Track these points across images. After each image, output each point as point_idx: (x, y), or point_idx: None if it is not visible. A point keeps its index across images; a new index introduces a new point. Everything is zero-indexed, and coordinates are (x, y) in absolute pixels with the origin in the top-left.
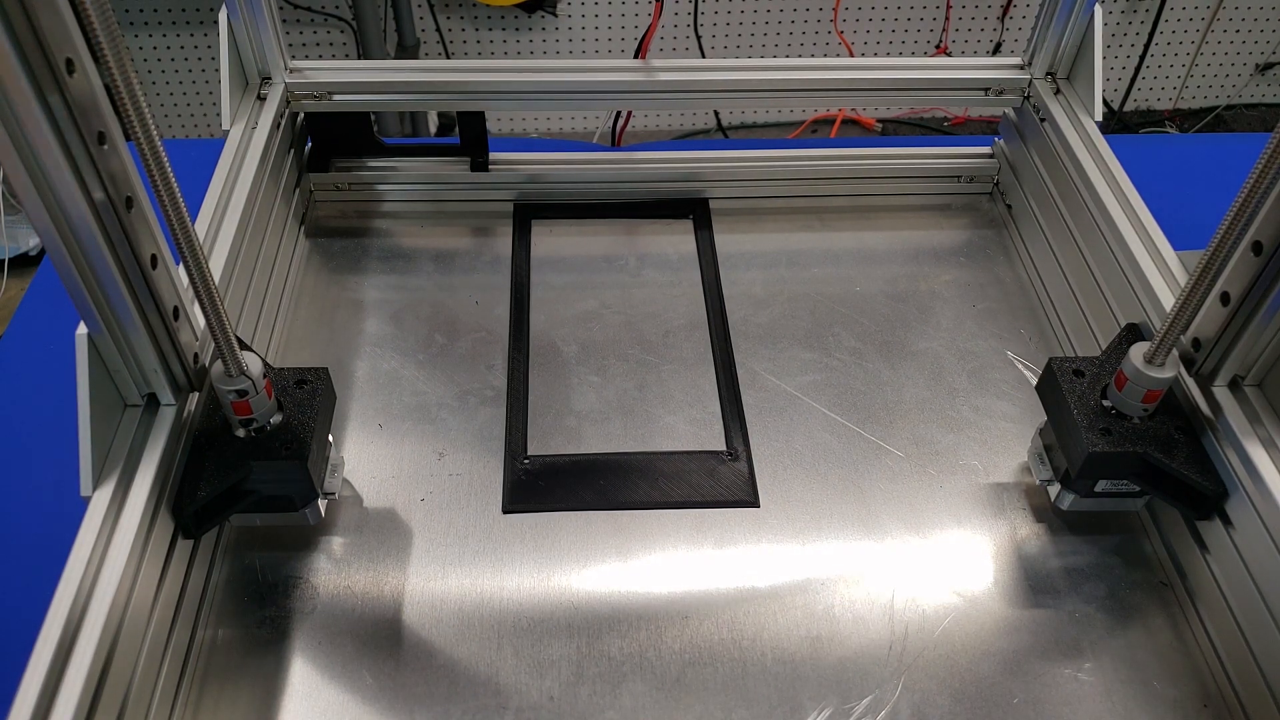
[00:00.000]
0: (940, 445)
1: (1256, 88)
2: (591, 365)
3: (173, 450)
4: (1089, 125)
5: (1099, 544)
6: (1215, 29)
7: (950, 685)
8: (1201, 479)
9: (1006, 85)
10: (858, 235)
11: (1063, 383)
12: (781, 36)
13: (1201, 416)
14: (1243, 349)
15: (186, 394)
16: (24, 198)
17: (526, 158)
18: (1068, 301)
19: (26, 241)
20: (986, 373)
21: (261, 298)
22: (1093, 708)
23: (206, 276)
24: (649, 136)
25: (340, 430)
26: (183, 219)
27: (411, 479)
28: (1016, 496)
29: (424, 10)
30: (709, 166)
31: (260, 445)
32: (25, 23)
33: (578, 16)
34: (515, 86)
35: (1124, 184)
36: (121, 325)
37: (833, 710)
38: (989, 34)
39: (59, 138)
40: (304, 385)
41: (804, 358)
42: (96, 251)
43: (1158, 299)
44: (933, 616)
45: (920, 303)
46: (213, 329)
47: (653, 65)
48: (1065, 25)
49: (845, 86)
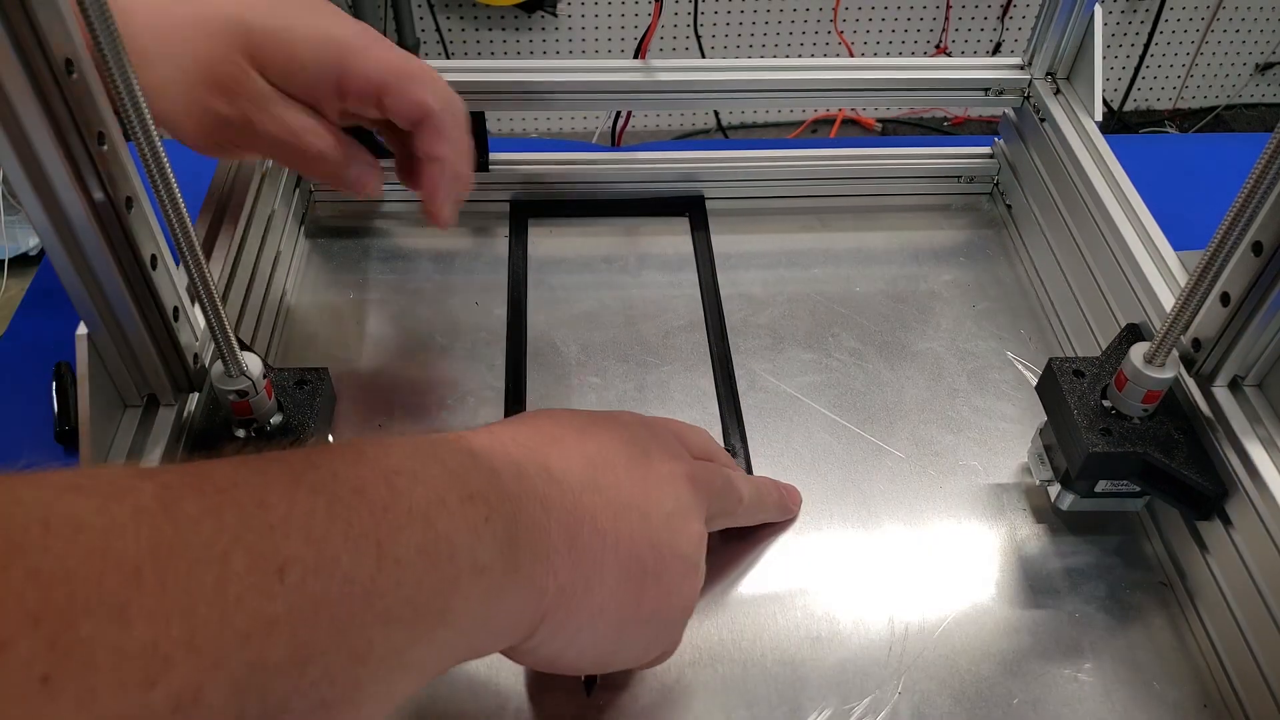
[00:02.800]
0: (940, 446)
1: (1256, 88)
2: (591, 366)
3: (173, 450)
4: (1089, 125)
5: (1099, 544)
6: (1215, 29)
7: (950, 686)
8: (1201, 479)
9: (1006, 85)
10: (858, 235)
11: (1063, 383)
12: (781, 36)
13: (1201, 417)
14: (1243, 349)
15: (186, 394)
16: (24, 198)
17: (526, 157)
18: (1068, 302)
19: (26, 241)
20: (986, 373)
21: (261, 298)
22: (1093, 708)
23: (206, 276)
24: (649, 136)
25: (340, 430)
26: (183, 219)
27: None
28: (1016, 497)
29: (424, 10)
30: (707, 166)
31: (260, 446)
32: (25, 23)
33: (578, 16)
34: (515, 86)
35: (1124, 184)
36: (121, 325)
37: (833, 711)
38: (989, 34)
39: (59, 138)
40: (304, 385)
41: (803, 358)
42: (96, 251)
43: (1158, 299)
44: (932, 617)
45: (920, 303)
46: (213, 329)
47: (653, 65)
48: (1065, 25)
49: (845, 86)
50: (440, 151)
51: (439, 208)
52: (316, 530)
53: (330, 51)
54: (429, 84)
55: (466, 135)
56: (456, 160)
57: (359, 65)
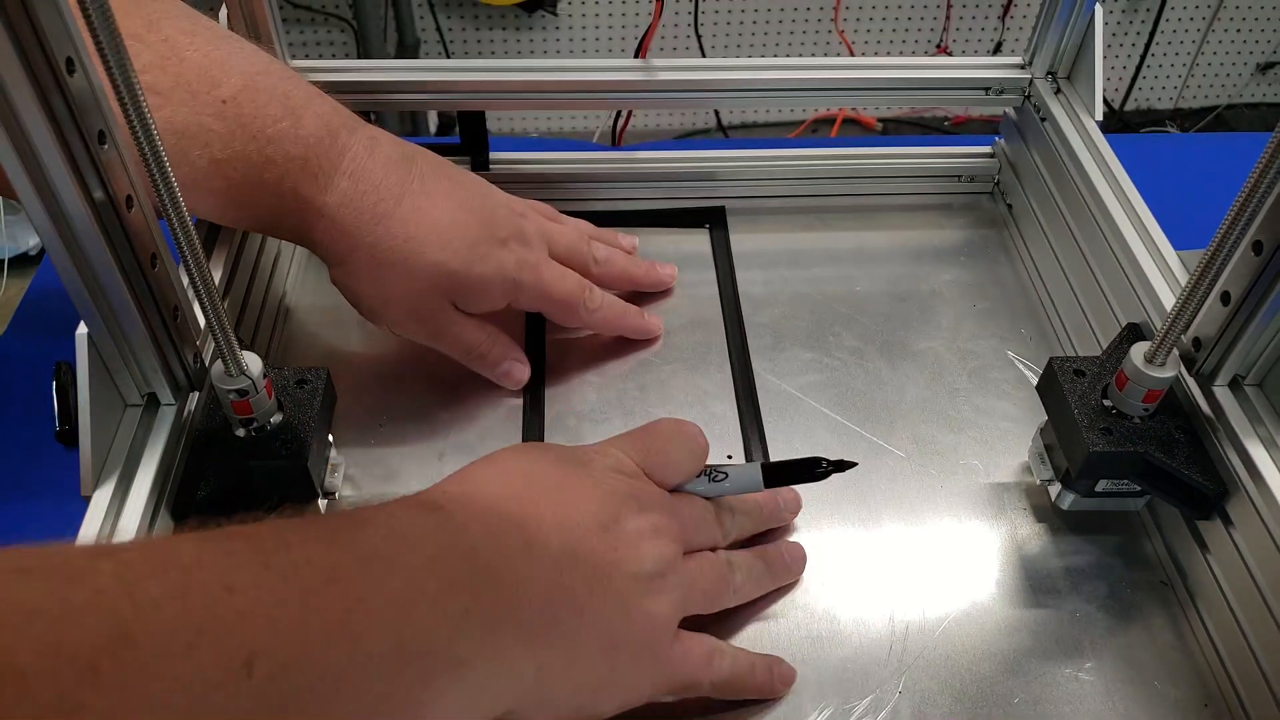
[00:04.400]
0: (941, 445)
1: (1257, 87)
2: (591, 366)
3: (173, 450)
4: (1090, 125)
5: (1099, 544)
6: (1216, 28)
7: (951, 685)
8: (1202, 478)
9: (1007, 85)
10: (858, 235)
11: (1063, 382)
12: (781, 36)
13: (1202, 416)
14: (1243, 349)
15: (186, 394)
16: (24, 198)
17: (526, 157)
18: (1068, 301)
19: (26, 241)
20: (987, 372)
21: (262, 297)
22: (1093, 707)
23: (206, 276)
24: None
25: (341, 430)
26: (183, 219)
27: (412, 479)
28: (1017, 496)
29: (424, 10)
30: (720, 167)
31: (260, 445)
32: (25, 22)
33: (578, 16)
34: (515, 86)
35: (1124, 184)
36: (121, 325)
37: (833, 710)
38: (989, 33)
39: (59, 138)
40: (304, 385)
41: (804, 358)
42: (97, 251)
43: (1158, 299)
44: (933, 616)
45: (921, 302)
46: (213, 328)
47: (653, 65)
48: (1066, 25)
49: (845, 86)
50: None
51: (641, 332)
52: (287, 621)
53: (508, 289)
54: (582, 309)
55: (621, 305)
56: (619, 327)
57: (526, 301)
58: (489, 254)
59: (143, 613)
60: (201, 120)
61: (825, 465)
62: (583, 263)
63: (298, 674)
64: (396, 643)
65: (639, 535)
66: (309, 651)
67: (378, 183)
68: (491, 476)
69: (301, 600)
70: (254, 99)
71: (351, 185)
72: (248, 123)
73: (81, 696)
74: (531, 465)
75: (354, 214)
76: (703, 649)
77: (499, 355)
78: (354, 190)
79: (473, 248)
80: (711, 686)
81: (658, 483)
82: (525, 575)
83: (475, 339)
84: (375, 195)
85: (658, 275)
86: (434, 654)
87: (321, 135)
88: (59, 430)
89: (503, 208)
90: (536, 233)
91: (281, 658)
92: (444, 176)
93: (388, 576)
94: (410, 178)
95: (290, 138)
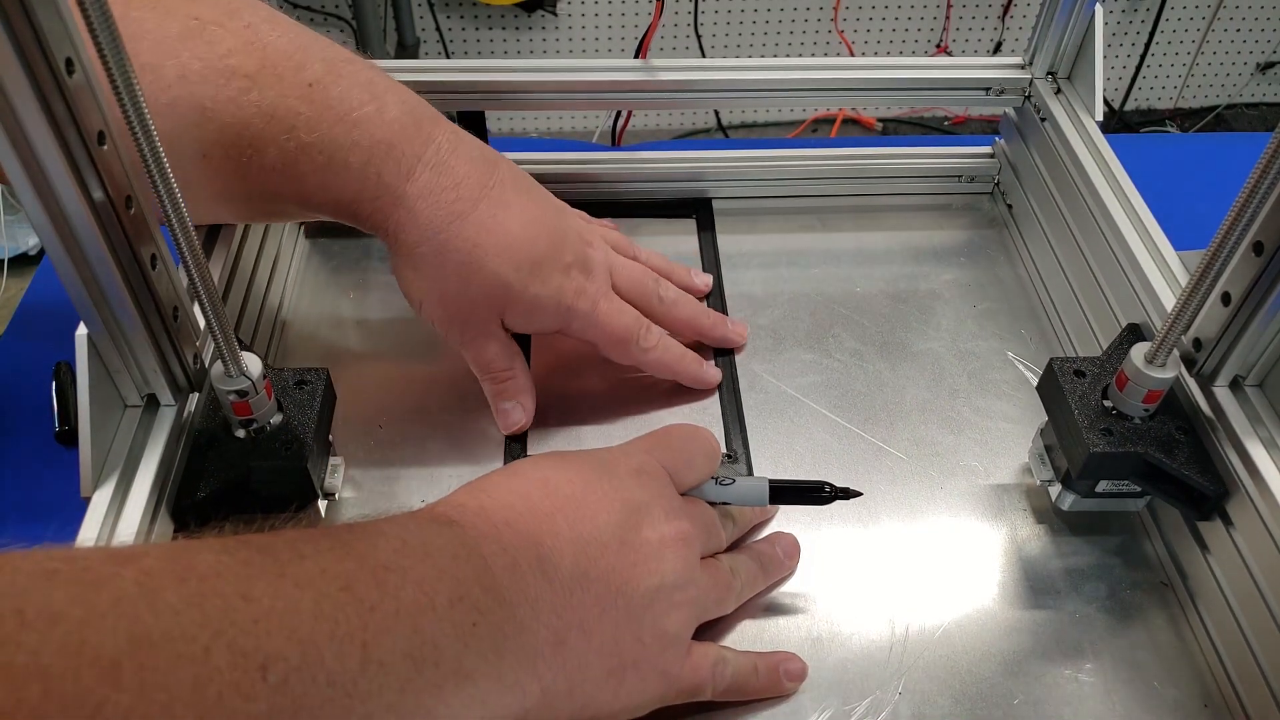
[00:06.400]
0: (941, 446)
1: (1257, 87)
2: (591, 365)
3: (173, 451)
4: (1090, 125)
5: (1100, 544)
6: (1216, 28)
7: (951, 686)
8: (1202, 479)
9: (1007, 85)
10: (858, 235)
11: (1063, 383)
12: (781, 36)
13: (1202, 417)
14: (1243, 349)
15: (186, 394)
16: (24, 198)
17: (526, 157)
18: (1068, 302)
19: (26, 241)
20: (987, 373)
21: (261, 298)
22: (1094, 708)
23: (206, 276)
24: (649, 136)
25: (341, 430)
26: (183, 219)
27: (412, 480)
28: (1017, 497)
29: (424, 10)
30: (712, 166)
31: (260, 446)
32: (25, 23)
33: (578, 16)
34: (515, 86)
35: (1124, 184)
36: (121, 326)
37: (833, 711)
38: (989, 33)
39: (59, 138)
40: (304, 386)
41: (804, 359)
42: (96, 251)
43: (1158, 299)
44: (933, 617)
45: (920, 303)
46: (213, 329)
47: (653, 65)
48: (1065, 25)
49: (845, 86)
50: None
51: (698, 382)
52: (302, 628)
53: (561, 316)
54: (635, 347)
55: (679, 350)
56: (674, 372)
57: (578, 330)
58: (549, 277)
59: (162, 618)
60: (289, 103)
61: (830, 491)
62: (647, 301)
63: (311, 679)
64: (406, 652)
65: (662, 544)
66: (321, 658)
67: (459, 180)
68: (509, 489)
69: (315, 607)
70: (338, 83)
71: (433, 178)
72: (334, 104)
73: (103, 695)
74: (550, 476)
75: (431, 207)
76: (708, 660)
77: (512, 391)
78: (435, 184)
79: (534, 267)
80: (716, 693)
81: (676, 485)
82: (534, 595)
83: (501, 363)
84: (455, 193)
85: (725, 332)
86: (442, 665)
87: (406, 122)
88: (59, 430)
89: (573, 232)
90: (602, 263)
91: (295, 663)
92: (523, 190)
93: (399, 587)
94: (491, 182)
95: (375, 122)
